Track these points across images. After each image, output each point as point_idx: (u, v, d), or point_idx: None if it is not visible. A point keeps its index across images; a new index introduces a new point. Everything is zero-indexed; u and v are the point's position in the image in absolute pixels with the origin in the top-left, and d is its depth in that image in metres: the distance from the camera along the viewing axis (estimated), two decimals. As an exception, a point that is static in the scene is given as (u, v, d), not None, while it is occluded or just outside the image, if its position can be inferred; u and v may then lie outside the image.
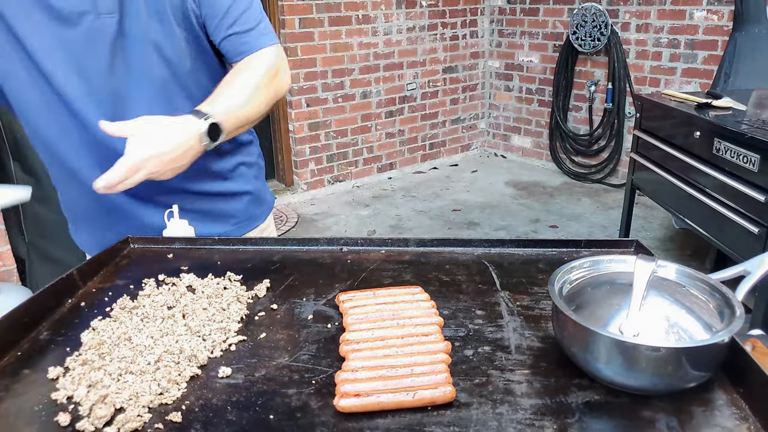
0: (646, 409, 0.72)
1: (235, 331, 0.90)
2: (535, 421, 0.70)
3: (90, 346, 0.85)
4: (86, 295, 1.02)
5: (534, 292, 1.00)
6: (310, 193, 4.87)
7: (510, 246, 1.17)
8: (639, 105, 3.07)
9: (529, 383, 0.77)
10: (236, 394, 0.76)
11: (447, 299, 0.98)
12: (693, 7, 4.21)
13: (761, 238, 2.06)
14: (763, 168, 2.06)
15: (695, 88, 4.25)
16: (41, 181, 2.50)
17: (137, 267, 1.13)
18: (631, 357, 0.71)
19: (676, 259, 3.63)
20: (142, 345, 0.85)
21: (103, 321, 0.92)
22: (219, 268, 1.10)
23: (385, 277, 1.06)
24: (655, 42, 4.49)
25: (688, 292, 0.82)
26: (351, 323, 0.87)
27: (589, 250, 1.15)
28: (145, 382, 0.77)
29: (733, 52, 3.28)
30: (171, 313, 0.93)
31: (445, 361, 0.78)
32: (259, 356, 0.84)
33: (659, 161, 2.82)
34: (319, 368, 0.81)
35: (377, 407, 0.71)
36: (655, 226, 4.15)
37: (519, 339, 0.87)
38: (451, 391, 0.72)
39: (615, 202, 4.52)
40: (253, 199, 1.44)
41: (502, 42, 5.59)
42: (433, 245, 1.18)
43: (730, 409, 0.71)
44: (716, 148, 2.32)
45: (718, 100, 2.61)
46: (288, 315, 0.95)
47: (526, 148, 5.70)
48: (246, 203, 1.42)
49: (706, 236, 2.48)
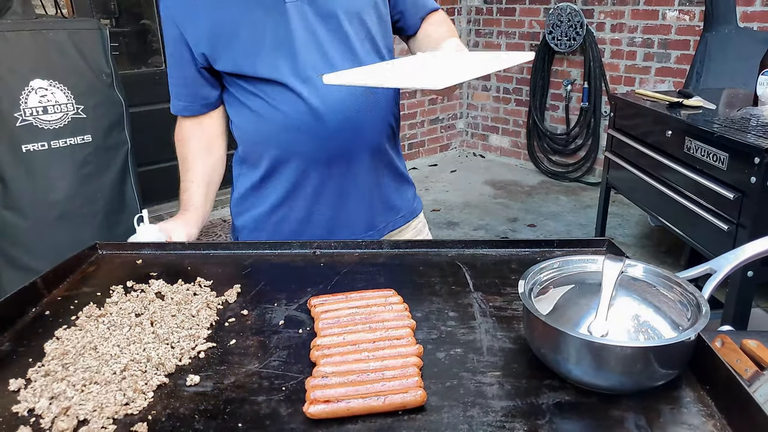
0: (616, 409, 0.72)
1: (205, 337, 0.88)
2: (506, 423, 0.70)
3: (53, 356, 0.83)
4: (51, 304, 0.99)
5: (506, 293, 1.00)
6: (289, 195, 4.84)
7: (483, 246, 1.17)
8: (613, 104, 3.11)
9: (500, 385, 0.77)
10: (204, 402, 0.75)
11: (420, 301, 0.97)
12: (665, 7, 4.28)
13: (731, 235, 2.09)
14: (732, 166, 2.10)
15: (669, 87, 4.31)
16: (9, 188, 2.45)
17: (105, 274, 1.10)
18: (600, 357, 0.71)
19: (652, 256, 3.68)
20: (107, 354, 0.83)
21: (68, 330, 0.90)
22: (189, 273, 1.08)
23: (359, 281, 1.06)
24: (629, 41, 4.55)
25: (656, 291, 0.83)
26: (322, 328, 0.86)
27: (561, 250, 1.16)
28: (110, 393, 0.75)
29: (704, 52, 3.33)
30: (139, 321, 0.92)
31: (417, 364, 0.78)
32: (228, 363, 0.83)
33: (633, 160, 2.86)
34: (290, 374, 0.80)
35: (347, 413, 0.70)
36: (632, 223, 4.20)
37: (491, 341, 0.87)
38: (422, 394, 0.72)
39: (592, 200, 4.57)
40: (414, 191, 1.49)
41: (479, 42, 5.62)
42: (407, 247, 1.17)
43: (696, 406, 0.72)
44: (687, 147, 2.36)
45: (689, 100, 2.65)
46: (259, 320, 0.94)
47: (504, 148, 5.74)
48: (412, 195, 1.47)
49: (679, 233, 2.52)
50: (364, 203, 1.33)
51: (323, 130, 1.22)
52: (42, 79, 2.46)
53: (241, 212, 1.38)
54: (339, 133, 1.23)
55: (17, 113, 2.42)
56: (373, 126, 1.28)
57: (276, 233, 1.35)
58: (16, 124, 2.42)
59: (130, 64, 4.09)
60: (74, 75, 2.55)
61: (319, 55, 1.20)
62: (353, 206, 1.32)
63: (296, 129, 1.22)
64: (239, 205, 1.38)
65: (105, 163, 2.68)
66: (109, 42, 2.67)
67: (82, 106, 2.57)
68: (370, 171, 1.32)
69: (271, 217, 1.34)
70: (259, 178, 1.32)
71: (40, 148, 2.48)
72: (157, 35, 4.14)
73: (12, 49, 2.40)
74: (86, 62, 2.58)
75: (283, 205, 1.32)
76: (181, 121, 1.37)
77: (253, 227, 1.37)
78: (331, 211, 1.32)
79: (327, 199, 1.30)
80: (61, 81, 2.51)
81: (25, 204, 2.47)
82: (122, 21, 4.03)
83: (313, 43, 1.20)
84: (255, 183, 1.33)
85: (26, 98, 2.43)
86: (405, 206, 1.44)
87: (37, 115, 2.46)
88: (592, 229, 3.88)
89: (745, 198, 2.03)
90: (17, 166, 2.45)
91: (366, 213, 1.35)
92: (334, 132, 1.23)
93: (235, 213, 1.40)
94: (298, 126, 1.22)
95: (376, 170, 1.33)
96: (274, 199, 1.32)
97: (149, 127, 4.01)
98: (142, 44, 4.17)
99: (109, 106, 2.68)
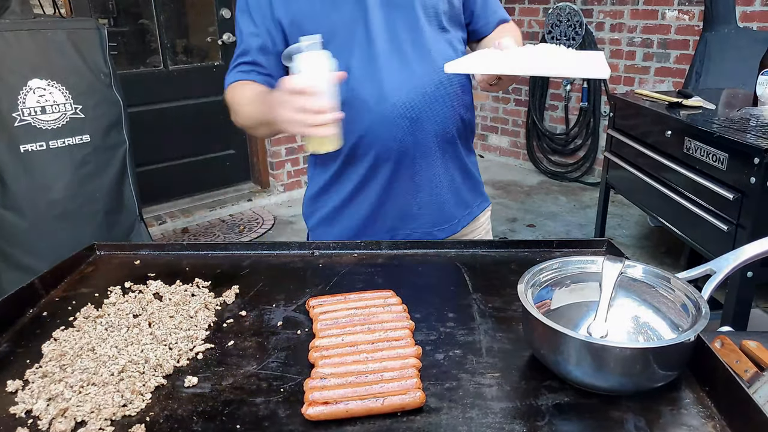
0: (615, 410, 0.72)
1: (203, 339, 0.88)
2: (505, 425, 0.69)
3: (51, 357, 0.83)
4: (49, 305, 0.99)
5: (506, 294, 0.99)
6: (287, 195, 4.83)
7: (482, 247, 1.17)
8: (612, 104, 3.10)
9: (499, 386, 0.76)
10: (202, 403, 0.75)
11: (419, 302, 0.97)
12: (665, 7, 4.27)
13: (730, 235, 2.09)
14: (732, 166, 2.09)
15: (668, 86, 4.31)
16: (8, 188, 2.44)
17: (103, 274, 1.10)
18: (600, 358, 0.71)
19: (651, 256, 3.68)
20: (105, 355, 0.83)
21: (66, 331, 0.89)
22: (187, 274, 1.08)
23: (357, 281, 1.05)
24: (628, 41, 4.54)
25: (656, 292, 0.83)
26: (321, 329, 0.86)
27: (561, 251, 1.15)
28: (108, 394, 0.75)
29: (703, 52, 3.33)
30: (137, 322, 0.91)
31: (416, 365, 0.78)
32: (226, 364, 0.83)
33: (632, 160, 2.85)
34: (288, 376, 0.80)
35: (346, 415, 0.70)
36: (631, 224, 4.20)
37: (490, 341, 0.86)
38: (421, 396, 0.72)
39: (591, 200, 4.57)
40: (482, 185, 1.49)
41: (478, 42, 5.61)
42: (406, 248, 1.17)
43: (696, 407, 0.72)
44: (687, 147, 2.36)
45: (688, 100, 2.64)
46: (257, 322, 0.93)
47: (503, 148, 5.73)
48: (481, 190, 1.48)
49: (678, 234, 2.51)
50: (434, 197, 1.33)
51: (394, 121, 1.22)
52: (40, 79, 2.46)
53: (313, 212, 1.38)
54: (409, 126, 1.23)
55: (15, 113, 2.42)
56: (444, 119, 1.28)
57: (347, 228, 1.33)
58: (14, 125, 2.42)
59: (129, 64, 4.09)
60: (73, 75, 2.54)
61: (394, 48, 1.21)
62: (424, 200, 1.32)
63: (368, 121, 1.22)
64: (311, 206, 1.39)
65: (103, 163, 2.67)
66: (107, 42, 2.67)
67: (80, 106, 2.56)
68: (441, 164, 1.32)
69: (342, 212, 1.33)
70: (331, 175, 1.31)
71: (39, 148, 2.48)
72: (155, 35, 4.14)
73: (10, 48, 2.39)
74: (84, 62, 2.57)
75: (354, 200, 1.31)
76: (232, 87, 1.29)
77: (326, 223, 1.36)
78: (401, 205, 1.31)
79: (397, 192, 1.29)
80: (60, 81, 2.50)
81: (23, 204, 2.47)
82: (121, 21, 4.03)
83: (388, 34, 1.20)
84: (327, 181, 1.32)
85: (24, 98, 2.43)
86: (474, 201, 1.45)
87: (36, 115, 2.46)
88: (592, 229, 3.87)
89: (744, 198, 2.03)
90: (16, 167, 2.44)
91: (436, 207, 1.34)
92: (404, 124, 1.23)
93: (307, 214, 1.40)
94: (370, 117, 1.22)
95: (446, 163, 1.33)
96: (344, 194, 1.31)
97: (148, 127, 4.02)
98: (141, 44, 4.17)
99: (108, 106, 2.67)
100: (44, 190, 2.51)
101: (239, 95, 1.25)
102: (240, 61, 1.27)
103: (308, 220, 1.41)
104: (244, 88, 1.25)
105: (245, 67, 1.26)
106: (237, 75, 1.27)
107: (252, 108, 1.21)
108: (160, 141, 4.22)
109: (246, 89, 1.25)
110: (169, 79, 4.22)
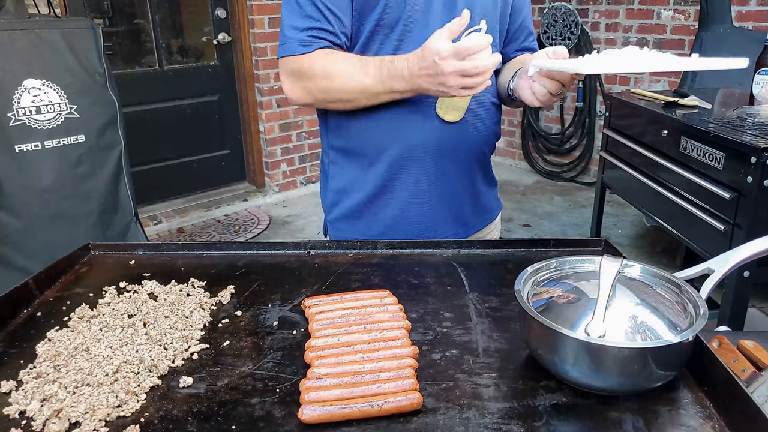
0: (613, 410, 0.71)
1: (198, 339, 0.88)
2: (502, 426, 0.69)
3: (45, 358, 0.82)
4: (43, 305, 0.98)
5: (502, 293, 0.99)
6: (282, 195, 4.82)
7: (479, 247, 1.17)
8: (608, 104, 3.10)
9: (496, 386, 0.76)
10: (197, 404, 0.74)
11: (415, 302, 0.97)
12: (660, 6, 4.28)
13: (727, 235, 2.09)
14: (728, 166, 2.10)
15: (664, 86, 4.32)
16: (2, 188, 2.43)
17: (97, 274, 1.09)
18: (598, 358, 0.71)
19: (647, 256, 3.69)
20: (100, 356, 0.82)
21: (60, 331, 0.89)
22: (182, 274, 1.07)
23: (353, 281, 1.05)
24: (624, 41, 4.55)
25: (654, 292, 0.82)
26: (317, 329, 0.86)
27: (557, 250, 1.15)
28: (102, 395, 0.74)
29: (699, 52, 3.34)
30: (132, 322, 0.91)
31: (412, 366, 0.77)
32: (222, 365, 0.82)
33: (628, 160, 2.86)
34: (284, 376, 0.79)
35: (341, 417, 0.70)
36: (627, 223, 4.20)
37: (487, 341, 0.86)
38: (418, 397, 0.71)
39: (587, 200, 4.57)
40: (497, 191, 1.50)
41: (474, 42, 5.61)
42: (402, 247, 1.17)
43: (695, 407, 0.72)
44: (683, 147, 2.36)
45: (684, 99, 2.65)
46: (252, 322, 0.93)
47: (499, 148, 5.73)
48: (496, 195, 1.49)
49: (675, 233, 2.52)
50: (457, 202, 1.33)
51: (440, 124, 1.23)
52: (35, 79, 2.45)
53: (336, 203, 1.34)
54: (452, 130, 1.24)
55: (10, 113, 2.40)
56: (482, 128, 1.29)
57: (373, 222, 1.31)
58: (9, 124, 2.41)
59: (124, 64, 4.07)
60: (67, 75, 2.53)
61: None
62: (449, 204, 1.32)
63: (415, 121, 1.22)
64: (334, 197, 1.35)
65: (98, 163, 2.66)
66: (102, 42, 2.66)
67: (75, 106, 2.55)
68: (470, 171, 1.33)
69: (369, 207, 1.31)
70: (362, 169, 1.28)
71: (34, 148, 2.46)
72: (150, 35, 4.12)
73: (5, 48, 2.38)
74: (79, 62, 2.56)
75: (382, 195, 1.29)
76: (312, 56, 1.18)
77: (351, 216, 1.33)
78: (426, 207, 1.31)
79: (424, 193, 1.29)
80: (55, 81, 2.49)
81: (18, 204, 2.46)
82: (116, 20, 4.02)
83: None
84: (357, 175, 1.29)
85: (19, 98, 2.42)
86: (492, 206, 1.46)
87: (30, 115, 2.44)
88: (587, 229, 3.88)
89: (741, 198, 2.03)
90: (10, 166, 2.43)
91: (457, 212, 1.34)
92: (448, 127, 1.23)
93: (329, 205, 1.36)
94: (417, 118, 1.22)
95: (473, 171, 1.34)
96: (371, 188, 1.28)
97: (143, 127, 4.01)
98: (136, 44, 4.15)
99: (103, 105, 2.66)
100: (39, 190, 2.49)
101: (330, 65, 1.14)
102: (311, 26, 1.15)
103: (329, 213, 1.37)
104: (336, 56, 1.15)
105: (318, 32, 1.15)
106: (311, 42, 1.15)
107: (360, 77, 1.13)
108: (156, 141, 4.21)
109: (339, 57, 1.15)
110: (165, 79, 4.21)
